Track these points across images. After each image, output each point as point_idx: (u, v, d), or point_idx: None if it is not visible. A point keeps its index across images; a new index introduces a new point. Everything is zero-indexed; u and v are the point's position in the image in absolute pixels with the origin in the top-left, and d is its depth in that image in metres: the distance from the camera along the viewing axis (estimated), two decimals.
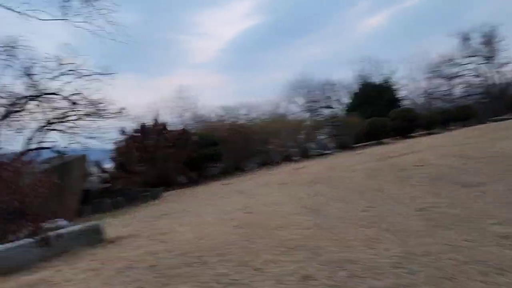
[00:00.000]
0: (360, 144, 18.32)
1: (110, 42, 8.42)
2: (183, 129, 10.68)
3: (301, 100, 42.80)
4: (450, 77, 38.51)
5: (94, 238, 4.04)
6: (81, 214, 6.71)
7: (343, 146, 17.13)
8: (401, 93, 27.81)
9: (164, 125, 10.48)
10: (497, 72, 33.86)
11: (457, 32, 33.31)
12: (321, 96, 42.62)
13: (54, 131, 8.70)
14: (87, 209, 6.82)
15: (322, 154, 15.39)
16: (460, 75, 37.67)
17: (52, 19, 7.96)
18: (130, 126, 11.00)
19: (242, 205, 5.51)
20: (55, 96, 8.14)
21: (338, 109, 41.90)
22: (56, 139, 9.64)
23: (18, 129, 7.66)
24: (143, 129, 10.27)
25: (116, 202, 7.22)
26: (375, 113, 18.88)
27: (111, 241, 4.09)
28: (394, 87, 26.74)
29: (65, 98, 8.15)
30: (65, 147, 9.73)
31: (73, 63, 8.09)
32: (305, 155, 15.09)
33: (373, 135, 18.51)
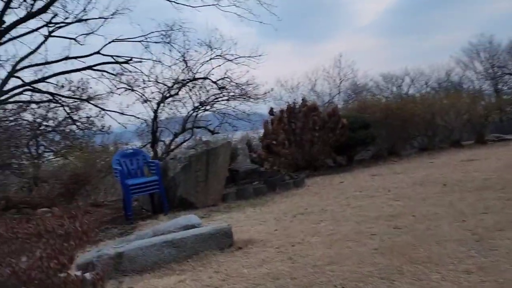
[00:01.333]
0: None
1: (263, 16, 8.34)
2: (333, 110, 10.07)
3: (480, 67, 36.31)
4: None
5: (224, 241, 3.98)
6: (225, 199, 6.92)
7: None
8: None
9: (313, 107, 10.09)
10: None
11: None
12: (508, 60, 35.43)
13: (207, 112, 9.26)
14: (231, 195, 7.02)
15: (502, 140, 12.90)
16: None
17: (203, 5, 8.29)
18: (279, 105, 11.02)
19: (388, 213, 4.80)
20: (206, 80, 8.61)
21: None
22: (208, 120, 10.31)
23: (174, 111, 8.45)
24: (291, 110, 10.09)
25: (258, 190, 7.24)
26: None
27: (240, 247, 3.98)
28: None
29: (214, 82, 8.53)
30: (217, 126, 10.35)
31: (220, 48, 8.38)
32: (480, 140, 12.86)
33: None
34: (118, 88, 8.43)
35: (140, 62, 8.67)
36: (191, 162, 6.49)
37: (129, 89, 8.15)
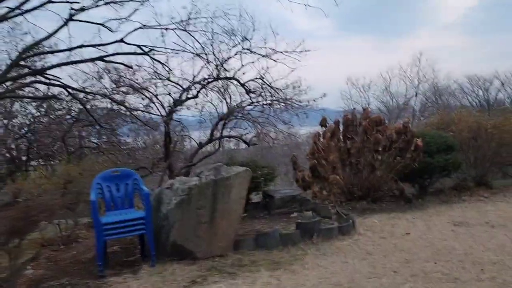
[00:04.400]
0: None
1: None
2: (404, 126, 7.86)
3: None
4: None
5: None
6: (238, 246, 5.15)
7: None
8: None
9: (378, 120, 7.94)
10: None
11: None
12: None
13: (239, 120, 7.56)
14: (248, 242, 5.23)
15: None
16: None
17: None
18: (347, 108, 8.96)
19: None
20: (234, 81, 6.86)
21: None
22: (245, 128, 8.56)
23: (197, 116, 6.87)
24: (349, 123, 8.02)
25: (287, 237, 5.36)
26: None
27: None
28: None
29: (241, 84, 6.76)
30: (254, 137, 8.56)
31: (249, 39, 6.57)
32: None
33: None
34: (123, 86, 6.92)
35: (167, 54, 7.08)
36: (191, 196, 4.78)
37: (139, 91, 6.64)
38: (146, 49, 7.28)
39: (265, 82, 6.88)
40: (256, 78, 6.89)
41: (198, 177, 4.96)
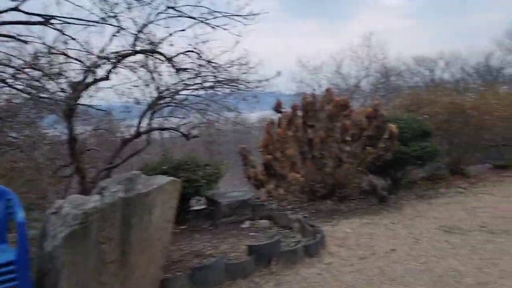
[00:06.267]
0: None
1: None
2: (375, 109, 6.62)
3: None
4: None
5: None
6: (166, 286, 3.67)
7: None
8: None
9: (343, 103, 6.65)
10: None
11: None
12: None
13: (176, 108, 6.01)
14: (183, 278, 3.73)
15: None
16: None
17: None
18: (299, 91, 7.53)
19: None
20: (160, 56, 5.23)
21: None
22: (182, 117, 6.98)
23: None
24: (308, 107, 6.67)
25: (235, 268, 3.94)
26: None
27: None
28: None
29: (168, 58, 5.14)
30: (193, 128, 7.01)
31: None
32: None
33: None
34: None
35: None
36: (89, 225, 3.21)
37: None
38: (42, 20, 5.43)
39: (201, 57, 5.33)
40: (188, 51, 5.30)
41: (100, 195, 3.38)
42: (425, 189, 7.50)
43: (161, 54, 5.32)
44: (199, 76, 5.78)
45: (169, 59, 5.27)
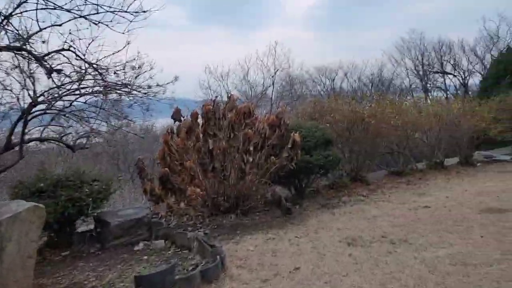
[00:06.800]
0: None
1: None
2: (277, 117, 6.42)
3: (410, 63, 37.26)
4: None
5: None
6: None
7: None
8: None
9: (246, 111, 6.34)
10: None
11: None
12: (435, 59, 36.57)
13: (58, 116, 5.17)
14: None
15: (494, 161, 10.20)
16: None
17: None
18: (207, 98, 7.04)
19: None
20: (29, 55, 4.43)
21: (461, 77, 35.31)
22: (64, 126, 6.11)
23: None
24: (210, 115, 6.24)
25: None
26: None
27: None
28: None
29: (38, 58, 4.34)
30: (80, 139, 6.17)
31: None
32: (468, 161, 10.03)
33: None
34: None
35: None
36: None
37: None
38: None
39: (81, 58, 4.56)
40: (63, 50, 4.50)
41: None
42: (329, 198, 7.49)
43: (28, 52, 4.47)
44: (83, 80, 5.03)
45: (39, 59, 4.45)
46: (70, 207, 5.07)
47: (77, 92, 5.11)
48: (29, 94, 4.93)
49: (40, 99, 4.93)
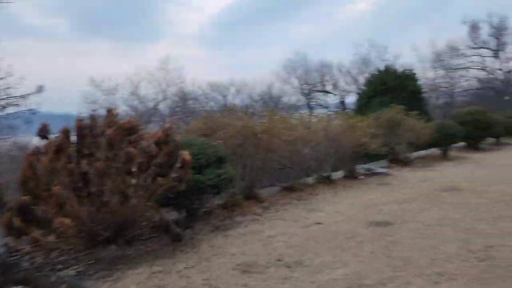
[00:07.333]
0: (420, 155, 14.00)
1: None
2: (164, 133, 5.85)
3: (296, 82, 39.95)
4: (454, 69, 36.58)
5: None
6: None
7: (397, 159, 12.64)
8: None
9: (129, 126, 5.64)
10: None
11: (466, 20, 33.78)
12: (317, 79, 39.72)
13: None
14: None
15: (374, 173, 10.80)
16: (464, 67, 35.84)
17: None
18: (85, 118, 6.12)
19: None
20: None
21: (339, 96, 38.63)
22: None
23: None
24: (85, 132, 5.40)
25: None
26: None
27: None
28: (415, 76, 22.05)
29: None
30: None
31: None
32: (352, 174, 10.46)
33: (439, 144, 14.17)
34: None
35: None
36: None
37: None
38: None
39: None
40: None
41: None
42: (222, 219, 7.08)
43: None
44: None
45: None
46: None
47: None
48: None
49: None
